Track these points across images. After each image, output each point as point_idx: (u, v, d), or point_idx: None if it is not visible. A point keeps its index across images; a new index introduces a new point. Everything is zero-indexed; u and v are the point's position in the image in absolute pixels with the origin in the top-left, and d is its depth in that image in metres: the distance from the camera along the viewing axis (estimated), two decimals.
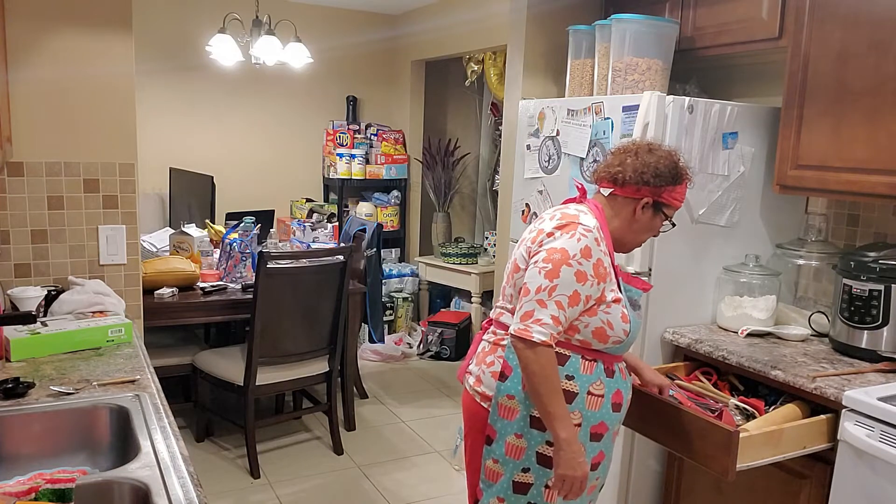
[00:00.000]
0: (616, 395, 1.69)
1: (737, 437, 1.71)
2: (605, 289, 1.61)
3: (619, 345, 1.65)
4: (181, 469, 1.28)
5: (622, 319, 1.63)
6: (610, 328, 1.62)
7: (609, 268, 1.63)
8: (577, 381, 1.64)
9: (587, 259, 1.58)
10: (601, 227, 1.65)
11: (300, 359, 3.28)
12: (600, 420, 1.66)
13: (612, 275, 1.64)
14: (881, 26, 2.05)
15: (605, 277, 1.61)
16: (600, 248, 1.61)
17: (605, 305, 1.62)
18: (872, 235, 2.45)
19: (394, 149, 5.38)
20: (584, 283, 1.57)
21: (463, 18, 4.64)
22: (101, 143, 2.33)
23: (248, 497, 3.04)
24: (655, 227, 1.72)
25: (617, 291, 1.64)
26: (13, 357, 1.84)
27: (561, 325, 1.57)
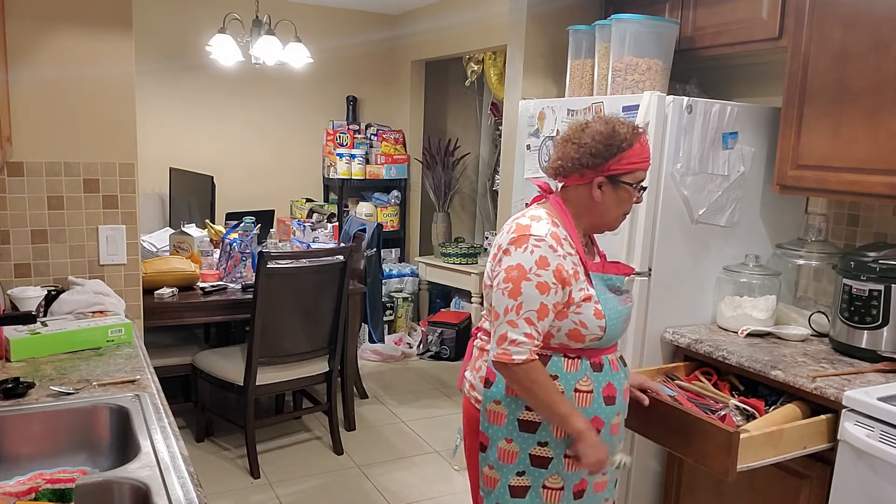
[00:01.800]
0: (608, 389, 1.67)
1: (737, 439, 1.71)
2: (572, 290, 1.59)
3: (599, 340, 1.63)
4: (181, 469, 1.28)
5: (595, 316, 1.60)
6: (583, 328, 1.60)
7: (573, 269, 1.60)
8: (561, 380, 1.63)
9: (544, 269, 1.56)
10: (565, 224, 1.64)
11: (300, 359, 3.28)
12: (593, 415, 1.65)
13: (580, 273, 1.61)
14: (881, 26, 2.05)
15: (570, 280, 1.59)
16: (558, 252, 1.58)
17: (574, 307, 1.60)
18: (872, 235, 2.45)
19: (394, 149, 5.38)
20: (547, 293, 1.56)
21: (463, 18, 4.64)
22: (101, 143, 2.33)
23: (248, 497, 3.04)
24: (624, 198, 1.64)
25: (587, 289, 1.61)
26: (13, 357, 1.84)
27: (535, 338, 1.57)
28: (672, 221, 2.41)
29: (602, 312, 1.61)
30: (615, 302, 1.65)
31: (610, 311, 1.62)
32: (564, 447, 1.65)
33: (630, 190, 1.63)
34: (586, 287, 1.61)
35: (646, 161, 1.63)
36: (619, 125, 1.61)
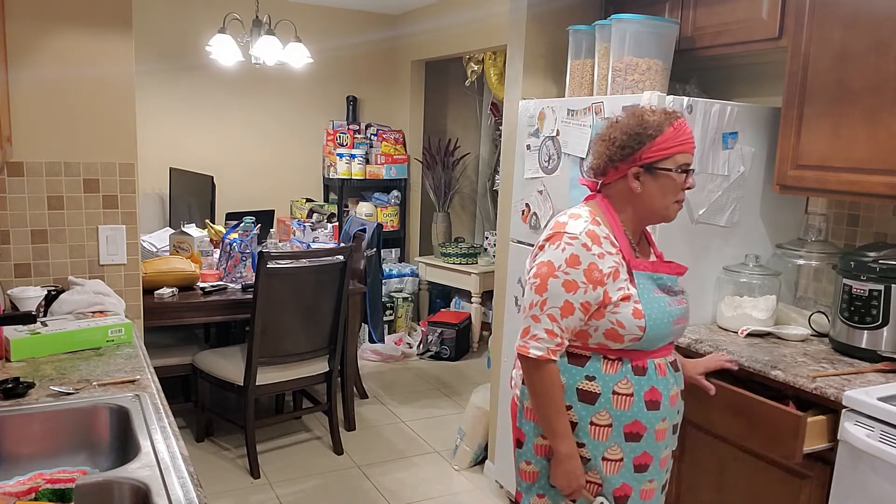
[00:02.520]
0: (651, 393, 1.62)
1: (804, 422, 1.80)
2: (609, 290, 1.57)
3: (640, 341, 1.59)
4: (181, 469, 1.28)
5: (634, 316, 1.57)
6: (621, 328, 1.57)
7: (613, 267, 1.58)
8: (598, 382, 1.61)
9: (574, 267, 1.56)
10: (609, 221, 1.62)
11: (300, 359, 3.28)
12: (633, 419, 1.61)
13: (622, 272, 1.59)
14: (881, 26, 2.05)
15: (604, 279, 1.57)
16: (592, 251, 1.57)
17: (612, 306, 1.57)
18: (872, 235, 2.45)
19: (394, 149, 5.38)
20: (575, 291, 1.55)
21: (463, 18, 4.64)
22: (101, 143, 2.33)
23: (248, 497, 3.04)
24: (667, 185, 1.60)
25: (628, 288, 1.58)
26: (13, 357, 1.84)
27: (558, 336, 1.57)
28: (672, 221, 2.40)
29: (642, 312, 1.57)
30: (664, 302, 1.62)
31: (654, 311, 1.59)
32: (603, 450, 1.63)
33: (672, 175, 1.59)
34: (627, 286, 1.58)
35: (684, 143, 1.59)
36: (649, 114, 1.60)
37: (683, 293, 1.70)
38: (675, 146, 1.58)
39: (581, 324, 1.58)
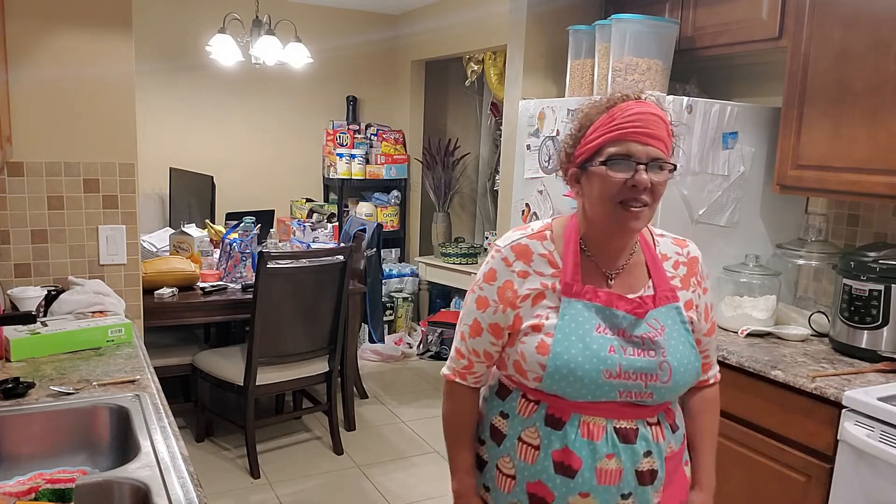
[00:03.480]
0: (563, 455, 1.28)
1: (839, 413, 1.83)
2: (522, 314, 1.32)
3: (542, 383, 1.28)
4: (181, 469, 1.28)
5: (537, 350, 1.27)
6: (523, 361, 1.30)
7: (535, 290, 1.31)
8: (509, 421, 1.36)
9: (489, 283, 1.35)
10: (566, 236, 1.34)
11: (300, 359, 3.28)
12: (537, 478, 1.31)
13: (547, 297, 1.31)
14: (881, 26, 2.05)
15: (517, 301, 1.32)
16: (512, 268, 1.33)
17: (521, 335, 1.32)
18: (872, 235, 2.45)
19: (394, 149, 5.38)
20: (485, 310, 1.35)
21: (463, 18, 4.64)
22: (101, 143, 2.33)
23: (248, 497, 3.04)
24: (602, 185, 1.25)
25: (546, 317, 1.29)
26: (13, 357, 1.84)
27: (465, 358, 1.39)
28: (672, 221, 2.40)
29: (548, 347, 1.27)
30: (601, 344, 1.26)
31: (570, 350, 1.26)
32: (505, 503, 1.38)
33: (602, 171, 1.24)
34: (547, 314, 1.30)
35: (615, 129, 1.23)
36: (593, 106, 1.31)
37: (657, 344, 1.28)
38: (602, 135, 1.25)
39: (494, 349, 1.37)
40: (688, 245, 1.44)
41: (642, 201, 1.24)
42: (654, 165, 1.24)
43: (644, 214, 1.26)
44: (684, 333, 1.33)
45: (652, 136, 1.23)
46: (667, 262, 1.39)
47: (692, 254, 1.43)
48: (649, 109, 1.25)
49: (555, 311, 1.30)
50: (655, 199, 1.26)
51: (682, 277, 1.38)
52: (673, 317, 1.33)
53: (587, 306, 1.30)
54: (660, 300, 1.33)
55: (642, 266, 1.36)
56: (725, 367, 2.19)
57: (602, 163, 1.25)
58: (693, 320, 1.37)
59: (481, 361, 1.39)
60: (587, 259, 1.34)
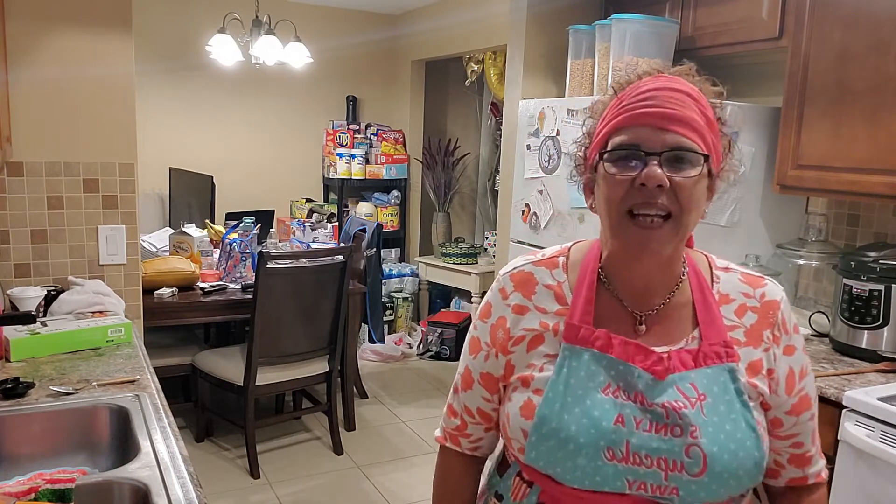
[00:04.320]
0: None
1: (839, 413, 1.82)
2: (515, 362, 1.02)
3: (524, 456, 0.97)
4: (181, 469, 1.28)
5: (521, 412, 0.97)
6: (508, 425, 1.01)
7: (533, 332, 1.01)
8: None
9: (484, 321, 1.07)
10: (584, 262, 1.03)
11: (300, 359, 3.28)
12: None
13: (547, 341, 1.00)
14: (881, 26, 2.05)
15: (508, 345, 1.02)
16: (508, 301, 1.04)
17: (510, 389, 1.02)
18: (872, 235, 2.45)
19: (394, 149, 5.37)
20: (476, 354, 1.06)
21: (463, 18, 4.64)
22: (101, 143, 2.33)
23: (248, 497, 3.04)
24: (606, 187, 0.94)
25: (540, 368, 0.99)
26: (13, 357, 1.84)
27: (457, 417, 1.10)
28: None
29: (534, 409, 0.96)
30: (607, 411, 0.93)
31: (558, 415, 0.94)
32: None
33: (604, 169, 0.94)
34: (541, 363, 0.99)
35: (620, 113, 0.93)
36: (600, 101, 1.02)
37: (686, 419, 0.92)
38: (608, 122, 0.95)
39: (489, 406, 1.07)
40: (765, 284, 1.03)
41: (658, 208, 0.89)
42: (674, 158, 0.90)
43: (663, 230, 0.91)
44: (738, 407, 0.94)
45: (671, 119, 0.90)
46: (727, 307, 1.00)
47: (769, 297, 1.01)
48: (671, 84, 0.92)
49: (552, 360, 0.98)
50: (684, 207, 0.90)
51: (748, 329, 0.99)
52: (723, 383, 0.95)
53: (596, 358, 0.96)
54: (705, 358, 0.96)
55: (689, 309, 1.00)
56: None
57: (602, 156, 0.94)
58: (760, 389, 0.97)
59: (477, 422, 1.09)
60: (608, 295, 1.01)
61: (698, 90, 0.95)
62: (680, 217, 0.91)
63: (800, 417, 1.01)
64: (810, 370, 1.04)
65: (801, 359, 1.02)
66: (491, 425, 1.09)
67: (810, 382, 1.03)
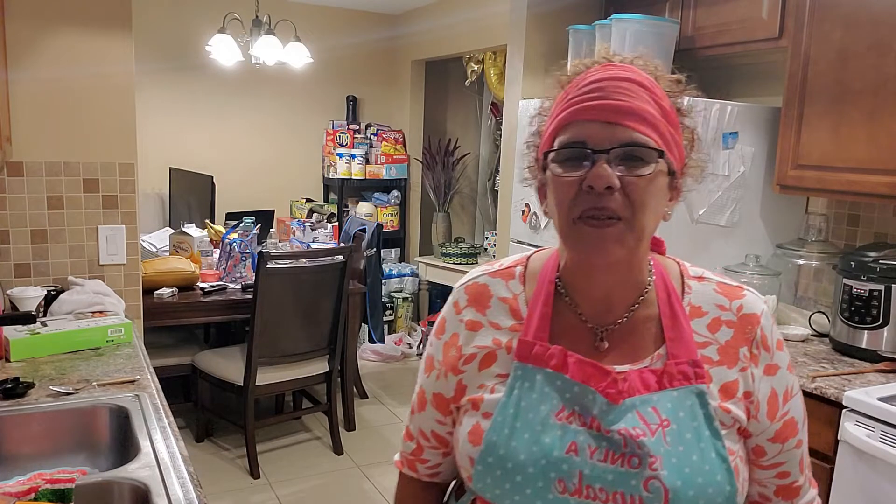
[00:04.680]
0: None
1: (839, 413, 1.81)
2: (466, 382, 0.93)
3: (473, 483, 0.88)
4: (181, 469, 1.28)
5: (469, 437, 0.89)
6: (456, 450, 0.94)
7: (485, 349, 0.93)
8: None
9: (438, 337, 0.99)
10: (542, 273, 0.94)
11: (300, 359, 3.28)
12: None
13: (500, 360, 0.91)
14: (881, 26, 2.05)
15: (459, 364, 0.94)
16: (461, 315, 0.96)
17: (461, 412, 0.94)
18: (873, 235, 2.45)
19: (394, 149, 5.37)
20: (430, 373, 0.99)
21: (463, 18, 4.64)
22: (100, 143, 2.33)
23: (248, 497, 3.04)
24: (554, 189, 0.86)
25: (491, 389, 0.90)
26: (13, 357, 1.84)
27: (413, 440, 1.02)
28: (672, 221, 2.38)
29: (482, 434, 0.88)
30: (554, 436, 0.84)
31: (506, 441, 0.85)
32: None
33: (551, 170, 0.86)
34: (492, 384, 0.91)
35: (567, 107, 0.84)
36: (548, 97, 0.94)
37: (645, 449, 0.82)
38: (556, 117, 0.86)
39: (444, 430, 0.99)
40: (744, 295, 0.92)
41: (608, 212, 0.81)
42: (625, 155, 0.81)
43: (615, 230, 0.81)
44: (707, 435, 0.84)
45: (620, 111, 0.81)
46: (699, 320, 0.90)
47: (748, 309, 0.91)
48: (620, 73, 0.83)
49: (504, 381, 0.90)
50: (636, 209, 0.81)
51: (723, 346, 0.89)
52: (690, 407, 0.85)
53: (550, 378, 0.87)
54: (670, 378, 0.86)
55: (655, 323, 0.90)
56: None
57: (547, 156, 0.86)
58: (734, 415, 0.86)
59: (433, 447, 1.01)
60: (567, 309, 0.92)
61: (652, 79, 0.86)
62: (632, 221, 0.82)
63: (785, 445, 0.91)
64: (797, 392, 0.93)
65: (785, 379, 0.91)
66: (448, 450, 1.00)
67: (797, 405, 0.92)
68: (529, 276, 0.96)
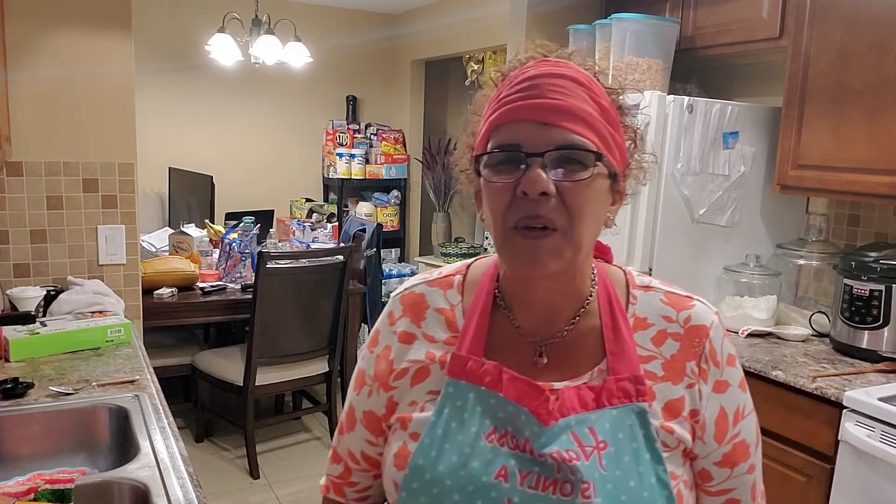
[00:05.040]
0: None
1: (839, 414, 1.82)
2: (398, 398, 0.87)
3: None
4: (180, 469, 1.28)
5: (394, 461, 0.83)
6: (383, 473, 0.88)
7: (418, 364, 0.86)
8: None
9: (370, 350, 0.92)
10: (481, 282, 0.89)
11: (300, 359, 3.27)
12: None
13: (433, 375, 0.85)
14: (881, 26, 2.04)
15: (390, 379, 0.87)
16: (395, 327, 0.90)
17: (391, 431, 0.87)
18: (873, 235, 2.45)
19: (394, 148, 5.37)
20: (360, 389, 0.92)
21: (463, 18, 4.64)
22: (100, 143, 2.33)
23: (248, 497, 3.03)
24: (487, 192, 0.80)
25: (421, 407, 0.84)
26: (12, 357, 1.84)
27: (340, 462, 0.97)
28: (672, 221, 2.40)
29: (407, 457, 0.81)
30: (483, 460, 0.78)
31: (432, 466, 0.79)
32: None
33: (485, 175, 0.79)
34: (423, 401, 0.85)
35: (498, 108, 0.79)
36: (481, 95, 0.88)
37: (578, 474, 0.75)
38: (488, 118, 0.81)
39: (375, 451, 0.92)
40: (692, 306, 0.86)
41: (543, 221, 0.75)
42: (562, 158, 0.75)
43: (552, 240, 0.75)
44: (647, 458, 0.78)
45: (556, 111, 0.75)
46: (643, 333, 0.84)
47: (696, 321, 0.85)
48: (556, 69, 0.77)
49: (435, 398, 0.83)
50: (573, 217, 0.75)
51: (668, 360, 0.83)
52: (630, 427, 0.79)
53: (482, 396, 0.81)
54: (609, 396, 0.80)
55: (597, 336, 0.84)
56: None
57: (478, 160, 0.80)
58: (678, 435, 0.80)
59: (363, 469, 0.94)
60: (505, 321, 0.86)
61: (590, 76, 0.79)
62: (569, 231, 0.75)
63: (734, 470, 0.84)
64: (750, 412, 0.86)
65: (737, 398, 0.84)
66: (379, 472, 0.91)
67: (749, 427, 0.85)
68: (469, 285, 0.89)
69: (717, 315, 0.86)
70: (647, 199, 2.35)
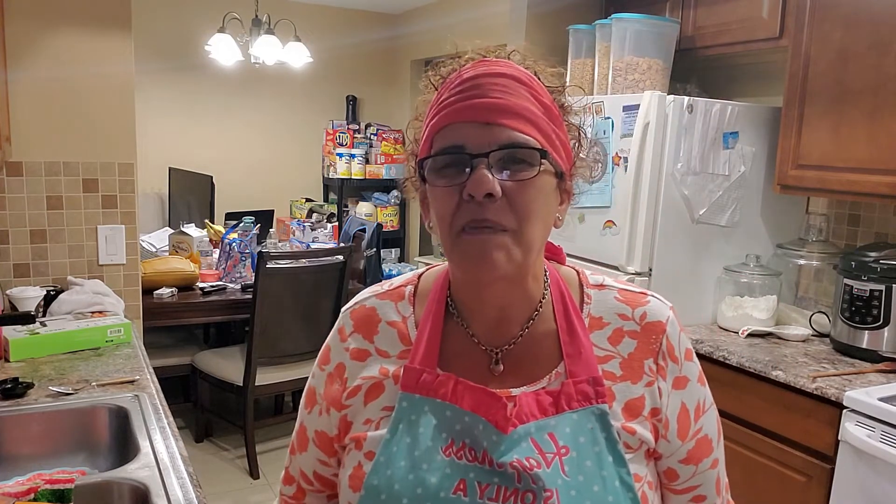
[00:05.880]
0: None
1: (840, 414, 1.82)
2: (352, 417, 0.84)
3: None
4: (180, 469, 1.28)
5: (349, 483, 0.80)
6: (340, 494, 0.84)
7: (371, 380, 0.83)
8: None
9: (321, 368, 0.90)
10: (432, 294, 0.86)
11: (300, 359, 3.27)
12: None
13: (387, 390, 0.82)
14: (881, 26, 2.04)
15: (343, 397, 0.85)
16: (347, 343, 0.87)
17: (346, 451, 0.84)
18: (873, 235, 2.44)
19: (393, 148, 5.37)
20: (311, 408, 0.90)
21: (463, 18, 4.64)
22: (100, 143, 2.33)
23: (248, 497, 3.03)
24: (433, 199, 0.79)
25: (376, 425, 0.81)
26: (12, 357, 1.83)
27: (293, 483, 0.94)
28: (673, 221, 2.40)
29: (362, 478, 0.78)
30: (441, 475, 0.75)
31: (388, 484, 0.76)
32: None
33: (430, 179, 0.78)
34: (378, 418, 0.82)
35: (440, 110, 0.77)
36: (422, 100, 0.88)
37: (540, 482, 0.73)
38: (430, 121, 0.80)
39: (329, 472, 0.90)
40: (647, 302, 0.84)
41: (492, 223, 0.73)
42: (507, 158, 0.74)
43: (501, 239, 0.73)
44: (609, 462, 0.76)
45: (497, 110, 0.74)
46: (599, 333, 0.82)
47: (652, 317, 0.83)
48: (495, 68, 0.76)
49: (390, 414, 0.81)
50: (521, 218, 0.74)
51: (625, 359, 0.81)
52: (591, 431, 0.77)
53: (438, 409, 0.79)
54: (568, 400, 0.78)
55: (553, 339, 0.82)
56: (726, 367, 2.18)
57: (421, 165, 0.79)
58: (640, 435, 0.79)
59: (317, 490, 0.92)
60: (459, 330, 0.83)
61: (531, 73, 0.79)
62: (518, 232, 0.74)
63: (699, 466, 0.83)
64: (710, 405, 0.85)
65: (696, 392, 0.83)
66: (334, 492, 0.89)
67: (710, 421, 0.84)
68: (420, 296, 0.87)
69: (672, 310, 0.85)
70: (647, 200, 2.35)
